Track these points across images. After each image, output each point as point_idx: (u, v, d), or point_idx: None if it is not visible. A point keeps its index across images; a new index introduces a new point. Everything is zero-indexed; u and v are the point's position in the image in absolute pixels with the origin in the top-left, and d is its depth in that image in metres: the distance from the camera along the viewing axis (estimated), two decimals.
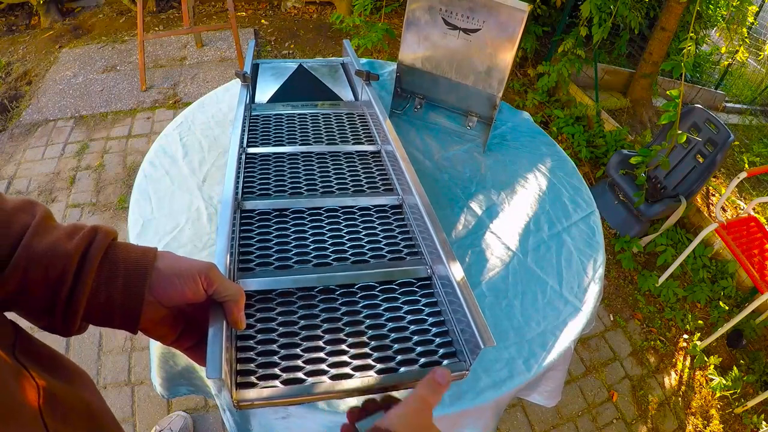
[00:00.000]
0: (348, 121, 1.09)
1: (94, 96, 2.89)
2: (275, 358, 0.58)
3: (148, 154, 1.12)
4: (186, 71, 3.14)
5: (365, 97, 1.12)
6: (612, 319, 2.21)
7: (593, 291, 0.98)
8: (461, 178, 1.19)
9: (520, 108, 1.66)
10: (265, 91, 1.20)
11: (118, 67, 3.13)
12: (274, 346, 0.59)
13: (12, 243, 0.39)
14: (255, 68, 1.31)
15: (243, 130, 0.95)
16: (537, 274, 0.99)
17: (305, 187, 0.87)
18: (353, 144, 1.01)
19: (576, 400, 1.88)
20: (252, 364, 0.57)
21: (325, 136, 1.03)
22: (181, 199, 1.02)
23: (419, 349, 0.60)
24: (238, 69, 1.10)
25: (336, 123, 1.08)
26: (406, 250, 0.76)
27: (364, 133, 1.06)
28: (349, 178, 0.90)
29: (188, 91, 2.97)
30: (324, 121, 1.08)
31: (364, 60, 1.54)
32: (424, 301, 0.67)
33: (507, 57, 1.10)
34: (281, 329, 0.61)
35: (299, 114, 1.10)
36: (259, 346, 0.59)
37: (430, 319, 0.64)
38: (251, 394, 0.53)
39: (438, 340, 0.62)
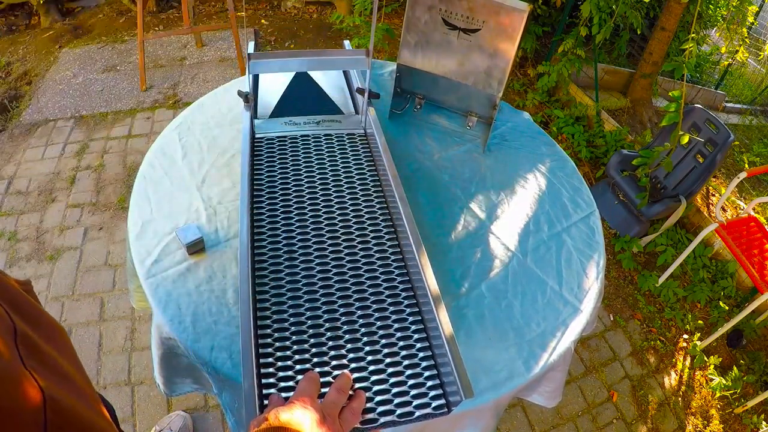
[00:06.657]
0: (350, 146, 1.09)
1: (94, 96, 2.89)
2: None
3: (147, 156, 1.12)
4: (186, 71, 3.14)
5: (366, 113, 1.13)
6: (612, 319, 2.21)
7: (593, 291, 0.97)
8: (461, 178, 1.19)
9: (520, 108, 1.66)
10: (266, 102, 1.20)
11: (118, 67, 3.13)
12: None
13: None
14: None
15: (250, 168, 0.97)
16: (537, 274, 0.99)
17: (315, 254, 0.86)
18: (358, 182, 1.00)
19: (576, 400, 1.88)
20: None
21: (330, 173, 1.02)
22: (180, 200, 1.02)
23: (413, 392, 0.69)
24: (240, 89, 1.13)
25: (339, 152, 1.07)
26: (408, 310, 0.80)
27: (366, 161, 1.06)
28: (356, 234, 0.90)
29: (188, 91, 2.97)
30: (327, 148, 1.08)
31: None
32: (418, 345, 0.75)
33: (507, 57, 1.10)
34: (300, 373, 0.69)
35: (302, 137, 1.10)
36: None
37: (423, 363, 0.73)
38: None
39: (429, 383, 0.71)
